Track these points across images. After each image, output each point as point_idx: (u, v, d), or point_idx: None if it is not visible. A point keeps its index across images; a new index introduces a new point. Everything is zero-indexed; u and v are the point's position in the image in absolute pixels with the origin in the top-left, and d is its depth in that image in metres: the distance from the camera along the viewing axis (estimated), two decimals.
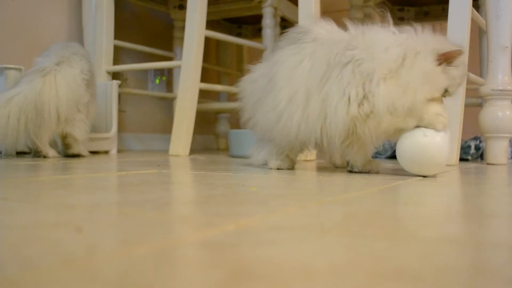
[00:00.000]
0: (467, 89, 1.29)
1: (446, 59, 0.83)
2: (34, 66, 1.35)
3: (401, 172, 0.89)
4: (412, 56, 0.81)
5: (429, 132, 0.82)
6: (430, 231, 0.36)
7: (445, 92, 0.85)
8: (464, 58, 0.86)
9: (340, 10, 2.30)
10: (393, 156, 1.45)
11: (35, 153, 1.32)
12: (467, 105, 1.38)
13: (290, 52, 0.91)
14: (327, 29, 0.92)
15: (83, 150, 1.43)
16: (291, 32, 0.95)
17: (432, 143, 0.81)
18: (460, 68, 0.84)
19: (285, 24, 2.39)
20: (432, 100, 0.83)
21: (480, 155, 1.54)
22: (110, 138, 1.73)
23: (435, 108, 0.82)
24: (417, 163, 0.83)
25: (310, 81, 0.86)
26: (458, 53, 0.83)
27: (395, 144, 0.89)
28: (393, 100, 0.80)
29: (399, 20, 2.24)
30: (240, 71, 2.75)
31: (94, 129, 1.57)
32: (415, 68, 0.80)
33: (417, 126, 0.82)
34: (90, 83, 1.44)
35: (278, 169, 0.97)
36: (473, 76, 1.37)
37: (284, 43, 0.94)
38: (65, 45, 1.44)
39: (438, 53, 0.82)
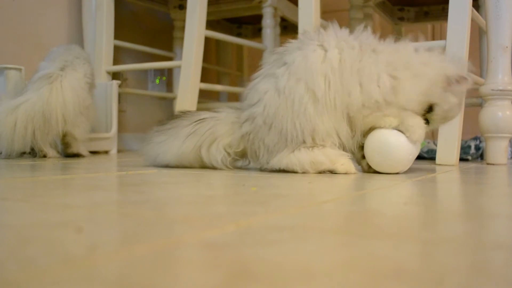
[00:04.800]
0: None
1: (451, 82, 0.86)
2: (39, 71, 1.35)
3: (401, 173, 0.89)
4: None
5: (395, 133, 0.85)
6: (430, 231, 0.36)
7: (429, 110, 0.87)
8: (465, 88, 0.88)
9: (340, 10, 2.30)
10: None
11: (35, 153, 1.32)
12: (467, 105, 1.38)
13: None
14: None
15: (83, 150, 1.43)
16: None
17: (397, 143, 0.85)
18: (457, 95, 0.87)
19: (285, 24, 2.39)
20: (416, 112, 0.86)
21: (480, 155, 1.54)
22: (110, 138, 1.73)
23: (419, 120, 0.86)
24: (379, 161, 0.87)
25: None
26: (463, 80, 0.86)
27: None
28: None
29: (399, 20, 2.24)
30: (240, 71, 2.75)
31: (93, 130, 1.58)
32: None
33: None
34: (91, 86, 1.46)
35: None
36: (473, 76, 1.36)
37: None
38: (67, 48, 1.45)
39: (447, 76, 0.85)
